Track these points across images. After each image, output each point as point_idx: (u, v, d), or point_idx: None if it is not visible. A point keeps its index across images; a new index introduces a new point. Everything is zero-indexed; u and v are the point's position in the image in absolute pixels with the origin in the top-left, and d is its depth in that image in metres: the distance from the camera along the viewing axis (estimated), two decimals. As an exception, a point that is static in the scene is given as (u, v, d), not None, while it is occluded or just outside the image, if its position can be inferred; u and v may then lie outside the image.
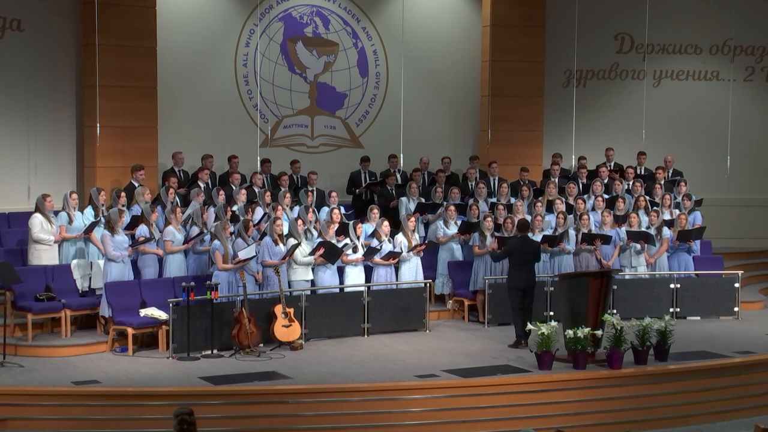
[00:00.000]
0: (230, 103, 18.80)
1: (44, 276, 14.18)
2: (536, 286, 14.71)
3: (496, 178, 18.44)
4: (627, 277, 16.31)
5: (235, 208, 15.63)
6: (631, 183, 18.16)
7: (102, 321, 14.20)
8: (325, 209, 16.37)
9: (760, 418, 12.32)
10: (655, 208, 17.10)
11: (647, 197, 17.52)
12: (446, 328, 15.62)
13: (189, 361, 13.21)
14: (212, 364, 13.12)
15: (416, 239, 15.75)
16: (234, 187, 16.45)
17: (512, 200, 17.08)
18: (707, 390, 12.98)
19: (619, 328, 12.97)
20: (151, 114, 17.45)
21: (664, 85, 21.41)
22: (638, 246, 16.35)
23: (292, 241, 14.74)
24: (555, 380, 12.59)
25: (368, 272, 15.41)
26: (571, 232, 16.20)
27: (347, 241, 15.17)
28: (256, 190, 16.68)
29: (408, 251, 15.47)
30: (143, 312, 13.79)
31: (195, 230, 14.67)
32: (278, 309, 13.99)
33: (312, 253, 14.74)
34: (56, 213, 14.83)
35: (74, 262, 14.53)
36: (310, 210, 15.75)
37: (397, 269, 15.55)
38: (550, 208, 16.93)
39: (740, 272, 16.91)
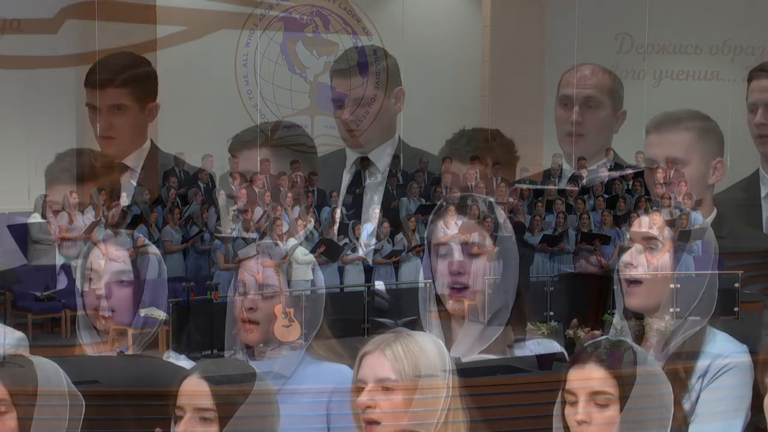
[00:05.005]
0: (230, 103, 18.79)
1: (44, 276, 14.17)
2: (534, 286, 14.70)
3: (500, 177, 18.41)
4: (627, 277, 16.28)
5: (235, 207, 15.64)
6: (631, 183, 18.16)
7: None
8: (326, 209, 16.38)
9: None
10: (655, 208, 17.09)
11: (647, 197, 17.52)
12: (446, 328, 15.58)
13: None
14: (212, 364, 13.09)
15: (416, 239, 15.74)
16: (234, 187, 16.45)
17: (511, 200, 17.08)
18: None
19: (619, 328, 12.96)
20: (151, 114, 17.49)
21: (664, 85, 21.38)
22: (640, 246, 16.33)
23: (291, 241, 14.74)
24: (555, 380, 12.57)
25: (368, 272, 15.41)
26: (571, 232, 16.20)
27: (347, 240, 15.18)
28: (256, 190, 16.68)
29: (407, 251, 15.48)
30: (143, 312, 13.77)
31: (194, 230, 14.69)
32: (278, 309, 13.95)
33: (313, 250, 14.73)
34: (56, 213, 14.85)
35: (75, 262, 14.52)
36: (311, 210, 15.76)
37: (396, 269, 15.56)
38: (550, 208, 16.93)
39: (740, 272, 16.87)
